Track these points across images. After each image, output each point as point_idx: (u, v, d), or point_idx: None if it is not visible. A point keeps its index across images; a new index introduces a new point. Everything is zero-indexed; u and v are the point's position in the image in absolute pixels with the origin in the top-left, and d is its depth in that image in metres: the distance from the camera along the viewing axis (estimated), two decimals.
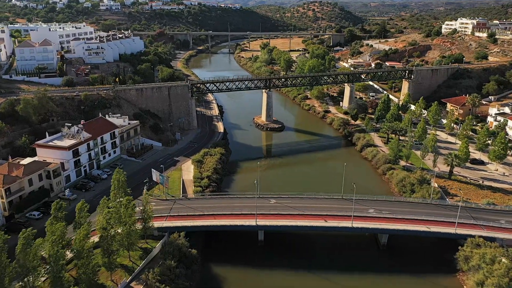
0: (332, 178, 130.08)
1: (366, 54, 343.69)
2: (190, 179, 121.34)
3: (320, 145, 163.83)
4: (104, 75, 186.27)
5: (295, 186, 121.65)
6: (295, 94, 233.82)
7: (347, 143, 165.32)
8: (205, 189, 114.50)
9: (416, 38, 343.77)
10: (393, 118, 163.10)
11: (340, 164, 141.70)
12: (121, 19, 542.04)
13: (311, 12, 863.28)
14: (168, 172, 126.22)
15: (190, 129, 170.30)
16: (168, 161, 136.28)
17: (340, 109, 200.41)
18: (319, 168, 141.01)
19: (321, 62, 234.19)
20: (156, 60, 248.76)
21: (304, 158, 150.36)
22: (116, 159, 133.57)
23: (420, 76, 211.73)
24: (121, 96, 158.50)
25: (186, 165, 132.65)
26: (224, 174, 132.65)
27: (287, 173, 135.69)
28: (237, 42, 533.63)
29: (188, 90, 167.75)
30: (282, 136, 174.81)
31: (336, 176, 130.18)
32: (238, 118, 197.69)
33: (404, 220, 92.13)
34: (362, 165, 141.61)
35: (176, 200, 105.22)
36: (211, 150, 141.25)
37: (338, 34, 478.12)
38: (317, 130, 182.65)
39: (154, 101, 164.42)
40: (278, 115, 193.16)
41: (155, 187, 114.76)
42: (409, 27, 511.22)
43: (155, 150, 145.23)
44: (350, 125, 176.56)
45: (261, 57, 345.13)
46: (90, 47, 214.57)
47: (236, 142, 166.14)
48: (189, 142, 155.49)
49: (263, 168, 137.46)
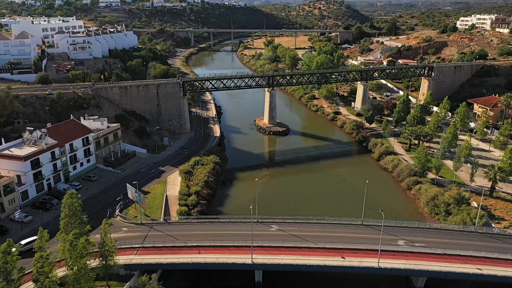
0: (347, 194, 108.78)
1: (377, 52, 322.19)
2: (176, 195, 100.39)
3: (330, 152, 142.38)
4: (87, 71, 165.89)
5: (302, 205, 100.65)
6: (301, 94, 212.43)
7: (361, 149, 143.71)
8: (192, 208, 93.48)
9: (431, 35, 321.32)
10: (415, 121, 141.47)
11: (353, 174, 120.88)
12: (121, 16, 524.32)
13: (317, 11, 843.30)
14: (149, 186, 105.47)
15: (182, 133, 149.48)
16: (152, 171, 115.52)
17: (352, 110, 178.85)
18: (330, 181, 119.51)
19: (330, 59, 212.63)
20: (150, 56, 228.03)
21: (312, 168, 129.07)
22: (89, 170, 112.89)
23: (441, 74, 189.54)
24: (102, 95, 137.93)
25: (172, 176, 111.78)
26: (218, 188, 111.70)
27: (292, 187, 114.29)
28: (241, 40, 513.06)
29: (180, 88, 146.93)
30: (286, 141, 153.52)
31: (351, 191, 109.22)
32: (238, 120, 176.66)
33: (445, 257, 70.51)
34: (380, 177, 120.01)
35: (153, 224, 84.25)
36: (203, 159, 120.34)
37: (346, 31, 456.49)
38: (327, 134, 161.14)
39: (140, 101, 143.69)
40: (282, 117, 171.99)
41: (131, 205, 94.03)
42: (420, 24, 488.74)
43: (139, 158, 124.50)
44: (364, 129, 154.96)
45: (265, 54, 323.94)
46: (75, 41, 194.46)
47: (234, 148, 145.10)
48: (179, 149, 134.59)
49: (264, 180, 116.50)
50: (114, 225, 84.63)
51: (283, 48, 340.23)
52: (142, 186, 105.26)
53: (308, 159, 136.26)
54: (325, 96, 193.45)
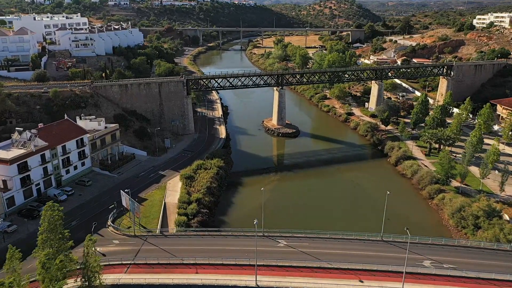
0: (362, 203, 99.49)
1: (391, 51, 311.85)
2: (175, 202, 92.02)
3: (343, 156, 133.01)
4: (88, 69, 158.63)
5: (313, 216, 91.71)
6: (311, 93, 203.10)
7: (376, 153, 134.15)
8: (191, 218, 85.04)
9: (447, 33, 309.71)
10: (434, 123, 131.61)
11: (369, 180, 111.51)
12: (129, 15, 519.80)
13: (327, 10, 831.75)
14: (147, 192, 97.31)
15: (185, 134, 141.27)
16: (151, 176, 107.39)
17: (366, 111, 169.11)
18: (343, 188, 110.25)
19: (342, 57, 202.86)
20: (155, 54, 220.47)
21: (323, 173, 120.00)
22: (84, 174, 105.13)
23: (461, 73, 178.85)
24: (101, 94, 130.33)
25: (172, 182, 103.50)
26: (221, 194, 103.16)
27: (302, 195, 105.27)
28: (250, 39, 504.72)
29: (184, 86, 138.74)
30: (296, 143, 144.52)
31: (366, 200, 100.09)
32: (245, 121, 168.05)
33: (479, 282, 61.12)
34: (398, 184, 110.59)
35: (148, 237, 75.96)
36: (207, 162, 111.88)
37: (358, 30, 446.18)
38: (339, 137, 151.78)
39: (141, 100, 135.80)
40: (292, 118, 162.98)
41: (125, 214, 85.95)
42: (435, 23, 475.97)
43: (138, 161, 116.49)
44: (379, 131, 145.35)
45: (275, 53, 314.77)
46: (77, 38, 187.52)
47: (240, 150, 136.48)
48: (181, 151, 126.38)
49: (271, 186, 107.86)
50: (104, 236, 77.10)
51: (293, 46, 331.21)
52: (140, 192, 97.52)
53: (319, 163, 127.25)
54: (337, 96, 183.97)
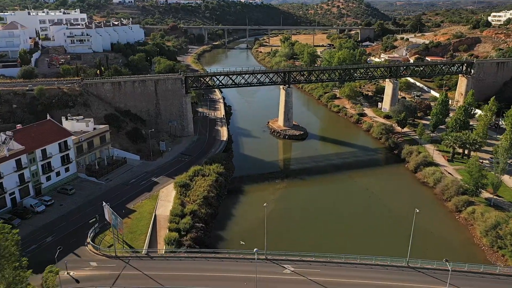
0: (380, 216, 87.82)
1: (402, 49, 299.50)
2: (167, 215, 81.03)
3: (355, 161, 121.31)
4: (81, 65, 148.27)
5: (324, 233, 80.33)
6: (320, 93, 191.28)
7: (392, 158, 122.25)
8: (184, 235, 73.86)
9: (461, 30, 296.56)
10: (457, 126, 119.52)
11: (385, 189, 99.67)
12: (134, 13, 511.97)
13: (335, 9, 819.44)
14: (136, 203, 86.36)
15: (184, 136, 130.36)
16: (142, 183, 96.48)
17: (379, 112, 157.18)
18: (357, 198, 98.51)
19: (353, 54, 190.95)
20: (156, 51, 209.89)
21: (334, 180, 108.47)
22: (68, 180, 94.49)
23: (482, 71, 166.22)
24: (91, 92, 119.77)
25: (166, 190, 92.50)
26: (220, 205, 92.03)
27: (310, 205, 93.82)
28: (256, 38, 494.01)
29: (182, 84, 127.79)
30: (304, 147, 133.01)
31: (384, 212, 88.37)
32: (249, 122, 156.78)
33: None
34: (419, 194, 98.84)
35: (131, 258, 64.97)
36: (205, 168, 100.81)
37: (367, 28, 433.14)
38: (350, 139, 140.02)
39: (136, 98, 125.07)
40: (299, 119, 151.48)
41: (109, 229, 75.06)
42: (447, 21, 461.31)
43: (130, 165, 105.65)
44: (394, 133, 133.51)
45: (281, 51, 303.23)
46: (72, 34, 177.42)
47: (242, 154, 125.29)
48: (178, 155, 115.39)
49: (276, 196, 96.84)
50: (81, 257, 66.33)
51: (300, 44, 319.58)
52: (128, 201, 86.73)
53: (329, 168, 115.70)
54: (347, 95, 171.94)
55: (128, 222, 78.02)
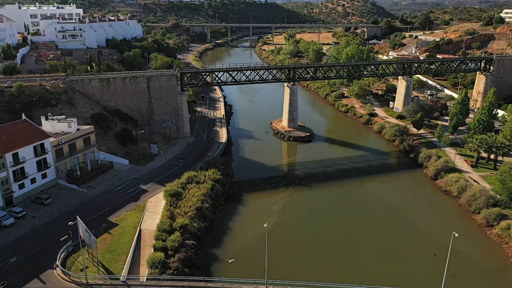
0: (398, 230, 76.68)
1: (412, 46, 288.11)
2: (153, 229, 70.33)
3: (367, 165, 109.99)
4: (69, 61, 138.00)
5: (336, 253, 69.38)
6: (327, 91, 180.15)
7: (408, 162, 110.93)
8: (172, 255, 62.96)
9: (474, 27, 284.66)
10: (480, 127, 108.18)
11: (402, 198, 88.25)
12: (135, 11, 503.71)
13: (340, 8, 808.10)
14: (120, 214, 75.70)
15: (179, 138, 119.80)
16: (129, 191, 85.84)
17: (391, 112, 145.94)
18: (371, 208, 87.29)
19: (361, 50, 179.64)
20: (153, 47, 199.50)
21: (344, 187, 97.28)
22: (46, 188, 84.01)
23: (502, 68, 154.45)
24: (77, 90, 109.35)
25: (155, 199, 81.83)
26: (216, 217, 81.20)
27: (319, 217, 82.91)
28: (260, 36, 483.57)
29: (177, 81, 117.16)
30: (310, 149, 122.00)
31: (403, 225, 77.26)
32: (251, 122, 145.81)
33: None
34: (441, 204, 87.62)
35: (105, 287, 54.22)
36: (200, 174, 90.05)
37: (374, 25, 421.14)
38: (361, 142, 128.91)
39: (127, 97, 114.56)
40: (305, 119, 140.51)
41: (84, 248, 64.42)
42: (456, 18, 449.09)
43: (117, 171, 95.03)
44: (409, 135, 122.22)
45: (286, 48, 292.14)
46: (64, 28, 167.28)
47: (243, 157, 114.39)
48: (172, 159, 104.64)
49: (280, 205, 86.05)
50: (47, 284, 55.58)
51: (305, 42, 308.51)
52: (111, 213, 76.11)
53: (339, 174, 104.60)
54: (356, 94, 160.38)
55: (107, 239, 67.39)
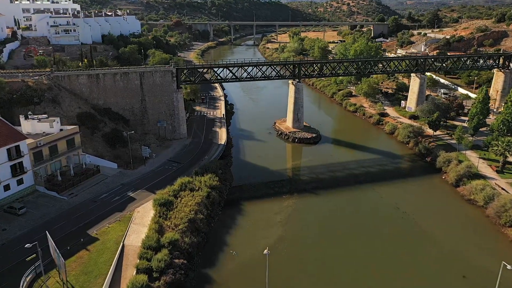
0: (418, 245, 67.10)
1: (421, 44, 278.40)
2: (138, 245, 61.19)
3: (379, 170, 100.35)
4: (58, 56, 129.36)
5: (349, 274, 59.95)
6: (333, 90, 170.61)
7: (424, 167, 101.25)
8: (157, 278, 53.88)
9: (485, 24, 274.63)
10: (504, 129, 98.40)
11: (420, 207, 78.52)
12: (137, 9, 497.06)
13: (345, 7, 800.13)
14: (102, 227, 66.62)
15: (175, 139, 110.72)
16: (115, 199, 76.77)
17: (403, 112, 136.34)
18: (385, 218, 77.81)
19: (370, 46, 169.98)
20: (152, 44, 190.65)
21: (355, 194, 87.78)
22: (22, 195, 75.13)
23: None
24: (63, 86, 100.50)
25: (142, 209, 72.70)
26: (210, 230, 71.94)
27: (327, 233, 73.57)
28: (264, 35, 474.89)
29: (173, 78, 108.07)
30: (317, 152, 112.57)
31: (423, 239, 67.67)
32: (253, 122, 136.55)
33: None
34: (465, 215, 78.04)
35: None
36: (195, 180, 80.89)
37: (381, 23, 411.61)
38: (371, 143, 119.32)
39: (117, 94, 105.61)
40: (310, 119, 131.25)
41: (55, 268, 55.47)
42: (465, 16, 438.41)
43: (104, 176, 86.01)
44: (424, 137, 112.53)
45: (290, 46, 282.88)
46: (57, 23, 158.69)
47: (243, 161, 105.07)
48: (165, 162, 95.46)
49: (283, 215, 76.91)
50: None
51: (310, 39, 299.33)
52: (92, 226, 67.09)
53: (348, 179, 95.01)
54: (365, 92, 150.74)
55: (84, 257, 58.32)
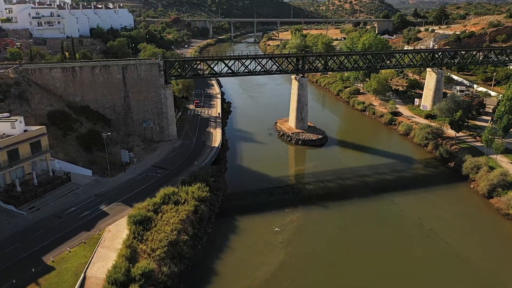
0: (457, 276, 54.18)
1: (429, 40, 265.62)
2: (103, 277, 48.39)
3: (396, 178, 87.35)
4: (35, 48, 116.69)
5: None
6: (339, 87, 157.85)
7: (448, 173, 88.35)
8: None
9: (497, 19, 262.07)
10: None
11: (448, 223, 64.73)
12: (135, 6, 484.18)
13: (348, 5, 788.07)
14: (60, 252, 53.80)
15: (163, 141, 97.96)
16: (85, 214, 63.92)
17: (417, 111, 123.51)
18: (412, 241, 64.91)
19: (379, 40, 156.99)
20: (144, 38, 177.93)
21: (371, 207, 74.74)
22: None
23: None
24: (34, 81, 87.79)
25: (115, 228, 59.84)
26: (197, 254, 59.05)
27: (341, 258, 60.77)
28: (265, 32, 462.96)
29: (160, 72, 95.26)
30: (323, 156, 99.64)
31: (464, 271, 54.75)
32: (252, 122, 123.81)
33: None
34: (503, 233, 65.15)
35: None
36: (181, 191, 68.01)
37: (386, 20, 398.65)
38: (384, 146, 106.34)
39: (97, 90, 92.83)
40: (315, 119, 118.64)
41: None
42: (472, 13, 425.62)
43: (75, 185, 73.21)
44: (445, 139, 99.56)
45: (292, 42, 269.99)
46: (39, 14, 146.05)
47: (240, 166, 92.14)
48: (149, 168, 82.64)
49: (286, 234, 64.08)
50: None
51: (313, 36, 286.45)
52: (49, 250, 54.32)
53: (362, 188, 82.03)
54: (374, 90, 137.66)
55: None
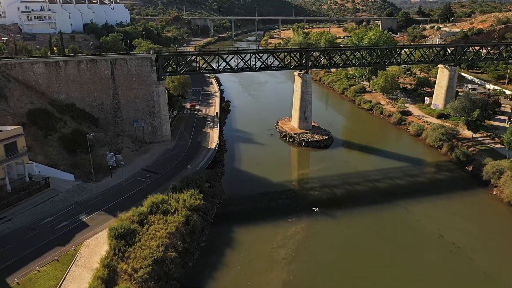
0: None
1: (436, 37, 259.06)
2: None
3: (410, 183, 79.75)
4: (20, 43, 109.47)
5: None
6: (344, 86, 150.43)
7: (465, 178, 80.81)
8: None
9: (506, 16, 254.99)
10: None
11: (472, 236, 56.73)
12: (135, 4, 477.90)
13: (350, 4, 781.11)
14: (30, 270, 46.56)
15: (156, 142, 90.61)
16: (62, 225, 56.59)
17: (429, 110, 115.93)
18: (432, 257, 57.42)
19: (386, 35, 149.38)
20: (140, 33, 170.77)
21: (383, 216, 67.17)
22: None
23: None
24: (14, 77, 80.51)
25: (94, 242, 52.46)
26: (186, 277, 51.59)
27: (353, 277, 53.31)
28: (267, 31, 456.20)
29: (152, 67, 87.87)
30: (328, 158, 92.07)
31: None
32: (252, 122, 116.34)
33: None
34: None
35: None
36: (171, 199, 60.61)
37: (390, 18, 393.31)
38: (394, 148, 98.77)
39: (83, 87, 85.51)
40: (319, 118, 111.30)
41: None
42: (477, 11, 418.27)
43: (53, 191, 65.84)
44: (461, 140, 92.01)
45: (294, 39, 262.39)
46: (29, 8, 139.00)
47: (238, 170, 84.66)
48: (138, 172, 75.27)
49: (289, 249, 56.69)
50: None
51: (316, 33, 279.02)
52: (16, 268, 47.04)
53: (372, 194, 74.49)
54: (382, 88, 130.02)
55: None
